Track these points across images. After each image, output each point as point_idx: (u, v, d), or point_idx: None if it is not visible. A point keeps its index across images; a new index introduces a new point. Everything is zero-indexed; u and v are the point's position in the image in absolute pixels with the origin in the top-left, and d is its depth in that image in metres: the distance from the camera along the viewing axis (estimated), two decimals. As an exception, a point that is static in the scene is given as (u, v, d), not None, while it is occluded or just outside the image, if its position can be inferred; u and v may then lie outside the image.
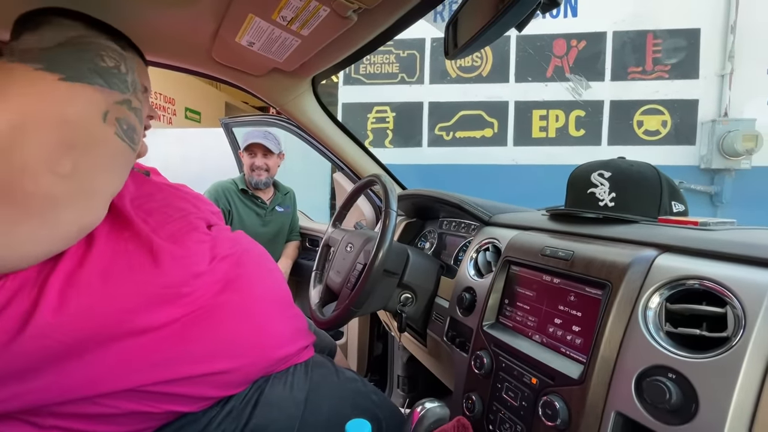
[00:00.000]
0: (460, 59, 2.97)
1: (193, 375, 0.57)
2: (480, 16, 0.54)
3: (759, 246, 0.46)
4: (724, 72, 2.77)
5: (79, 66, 0.48)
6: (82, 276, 0.48)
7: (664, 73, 2.83)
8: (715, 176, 2.81)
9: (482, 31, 0.54)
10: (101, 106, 0.48)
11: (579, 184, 0.75)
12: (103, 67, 0.51)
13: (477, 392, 0.69)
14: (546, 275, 0.64)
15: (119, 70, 0.53)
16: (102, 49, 0.53)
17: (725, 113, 2.76)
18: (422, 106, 3.12)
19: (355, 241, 0.98)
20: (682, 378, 0.43)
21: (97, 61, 0.51)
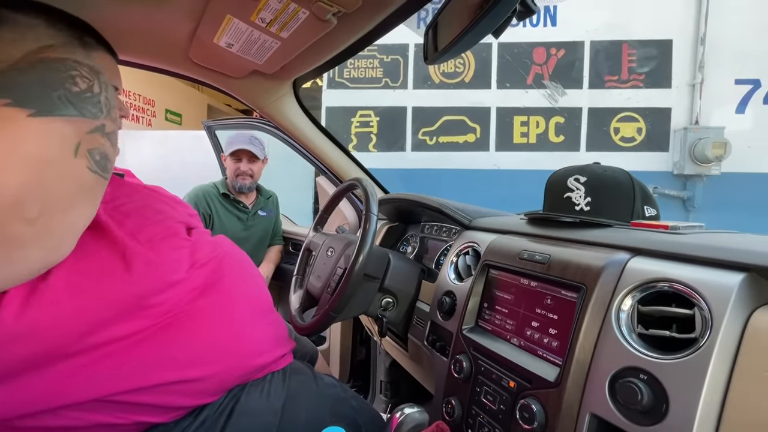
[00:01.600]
0: (441, 64, 3.01)
1: (164, 383, 0.55)
2: (458, 23, 0.55)
3: (724, 249, 0.47)
4: (695, 81, 2.89)
5: (49, 94, 0.44)
6: (47, 287, 0.46)
7: (639, 82, 2.93)
8: (687, 182, 2.91)
9: (459, 37, 0.54)
10: (73, 140, 0.44)
11: (556, 188, 0.76)
12: (76, 92, 0.47)
13: (456, 396, 0.68)
14: (524, 278, 0.65)
15: (92, 92, 0.49)
16: (73, 68, 0.49)
17: (696, 121, 2.87)
18: (406, 111, 3.14)
19: (336, 245, 0.97)
20: (653, 379, 0.44)
21: (68, 86, 0.47)
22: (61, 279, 0.47)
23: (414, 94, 3.14)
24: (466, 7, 0.54)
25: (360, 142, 3.21)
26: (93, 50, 0.61)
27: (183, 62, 0.95)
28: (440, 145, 3.13)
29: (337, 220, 1.56)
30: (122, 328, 0.51)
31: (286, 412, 0.64)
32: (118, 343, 0.51)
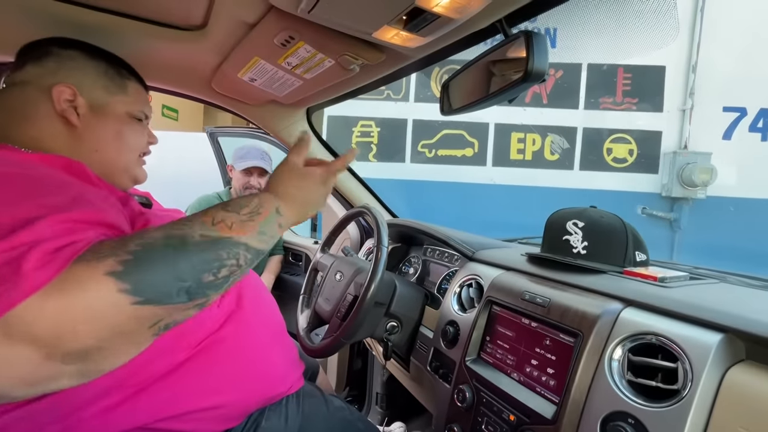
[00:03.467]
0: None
1: (193, 410, 0.60)
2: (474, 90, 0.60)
3: (706, 309, 0.53)
4: (685, 107, 3.00)
5: (176, 285, 0.41)
6: None
7: (632, 105, 3.03)
8: (675, 204, 3.02)
9: (476, 103, 0.60)
10: (156, 321, 0.41)
11: (555, 229, 0.82)
12: (207, 281, 0.44)
13: (459, 424, 0.74)
14: (525, 318, 0.71)
15: (220, 278, 0.45)
16: (231, 255, 0.46)
17: (685, 146, 2.98)
18: (406, 123, 3.20)
19: (344, 270, 1.01)
20: (640, 424, 0.50)
21: (205, 275, 0.43)
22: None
23: (415, 107, 3.19)
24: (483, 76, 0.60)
25: (360, 152, 3.26)
26: (128, 80, 0.67)
27: (204, 90, 0.99)
28: (439, 158, 3.19)
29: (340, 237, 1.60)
30: (163, 363, 0.56)
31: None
32: (157, 378, 0.55)
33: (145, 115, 0.69)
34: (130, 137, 0.66)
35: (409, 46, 0.64)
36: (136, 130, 0.67)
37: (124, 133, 0.65)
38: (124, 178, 0.67)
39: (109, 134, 0.63)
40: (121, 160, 0.66)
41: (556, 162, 3.06)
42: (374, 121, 3.22)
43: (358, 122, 3.25)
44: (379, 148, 3.25)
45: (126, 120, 0.65)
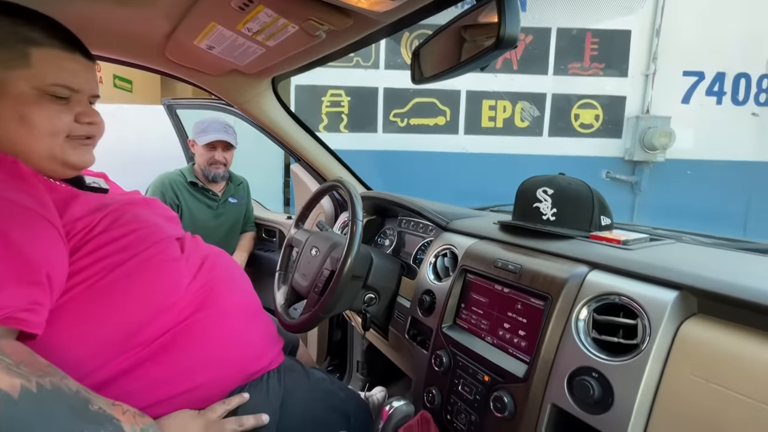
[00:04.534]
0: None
1: (170, 396, 0.59)
2: (446, 57, 0.58)
3: (663, 268, 0.57)
4: (648, 72, 3.08)
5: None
6: (53, 333, 0.48)
7: (599, 71, 3.08)
8: (636, 167, 3.16)
9: (447, 72, 0.58)
10: None
11: (526, 197, 0.84)
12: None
13: (436, 386, 0.77)
14: (497, 284, 0.73)
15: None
16: None
17: (647, 110, 3.09)
18: (377, 92, 3.11)
19: (320, 245, 1.01)
20: (603, 377, 0.54)
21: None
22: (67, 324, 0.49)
23: (385, 74, 3.11)
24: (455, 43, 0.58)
25: (331, 123, 3.17)
26: (33, 48, 0.54)
27: (158, 59, 0.92)
28: (411, 128, 3.15)
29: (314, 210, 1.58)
30: (126, 358, 0.54)
31: (284, 408, 0.70)
32: (118, 374, 0.54)
33: (72, 90, 0.58)
34: (41, 120, 0.55)
35: (378, 10, 0.61)
36: (49, 110, 0.56)
37: (30, 116, 0.54)
38: (53, 167, 0.58)
39: (11, 119, 0.53)
40: (38, 148, 0.56)
41: (526, 129, 3.11)
42: (344, 90, 3.12)
43: (327, 91, 3.14)
44: (350, 118, 3.17)
45: (33, 99, 0.54)
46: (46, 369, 0.40)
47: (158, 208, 0.76)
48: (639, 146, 3.00)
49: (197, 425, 0.57)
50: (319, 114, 3.15)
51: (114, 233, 0.56)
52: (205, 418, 0.59)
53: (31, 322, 0.44)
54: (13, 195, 0.47)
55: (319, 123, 3.15)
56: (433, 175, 3.07)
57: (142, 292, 0.57)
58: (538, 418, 0.60)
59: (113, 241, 0.56)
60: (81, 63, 0.60)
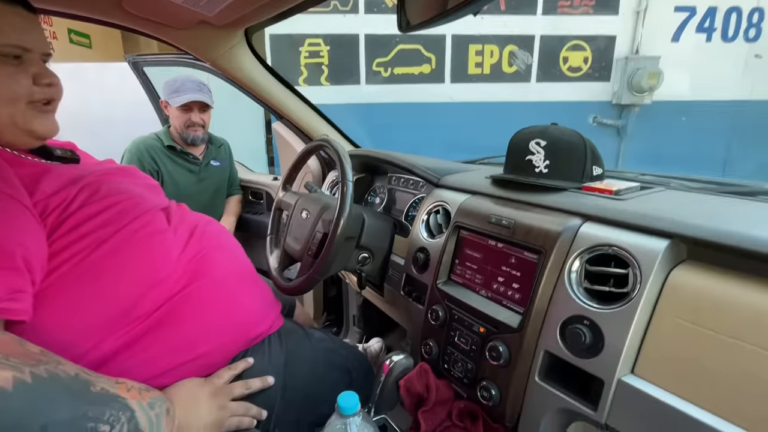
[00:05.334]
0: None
1: (173, 366, 0.60)
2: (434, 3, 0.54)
3: (655, 218, 0.57)
4: (640, 8, 2.96)
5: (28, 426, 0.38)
6: (42, 315, 0.46)
7: (590, 9, 2.94)
8: (623, 111, 3.14)
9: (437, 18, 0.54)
10: None
11: (518, 150, 0.82)
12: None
13: (433, 339, 0.80)
14: (491, 240, 0.74)
15: None
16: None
17: (637, 50, 3.01)
18: (358, 39, 2.93)
19: (310, 207, 0.99)
20: (594, 324, 0.56)
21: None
22: (57, 304, 0.48)
23: (366, 19, 2.90)
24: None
25: (311, 75, 3.00)
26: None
27: (114, 11, 0.83)
28: (395, 78, 3.02)
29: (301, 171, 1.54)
30: (122, 334, 0.54)
31: (288, 369, 0.72)
32: (118, 351, 0.54)
33: (23, 48, 0.53)
34: (5, 91, 0.51)
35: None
36: (3, 74, 0.51)
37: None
38: (16, 137, 0.54)
39: None
40: (10, 116, 0.52)
41: (513, 75, 3.01)
42: (323, 39, 2.93)
43: (304, 41, 2.95)
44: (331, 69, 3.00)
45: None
46: (39, 357, 0.40)
47: (138, 177, 0.73)
48: (627, 89, 2.95)
49: (205, 392, 0.59)
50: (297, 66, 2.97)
51: (93, 208, 0.53)
52: (212, 384, 0.61)
53: (15, 310, 0.42)
54: None
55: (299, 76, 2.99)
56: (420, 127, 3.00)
57: (131, 267, 0.56)
58: (531, 363, 0.63)
59: (94, 217, 0.53)
60: (25, 17, 0.53)
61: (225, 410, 0.59)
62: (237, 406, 0.62)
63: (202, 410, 0.56)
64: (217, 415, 0.58)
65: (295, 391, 0.71)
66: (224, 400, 0.60)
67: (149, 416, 0.47)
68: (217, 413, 0.58)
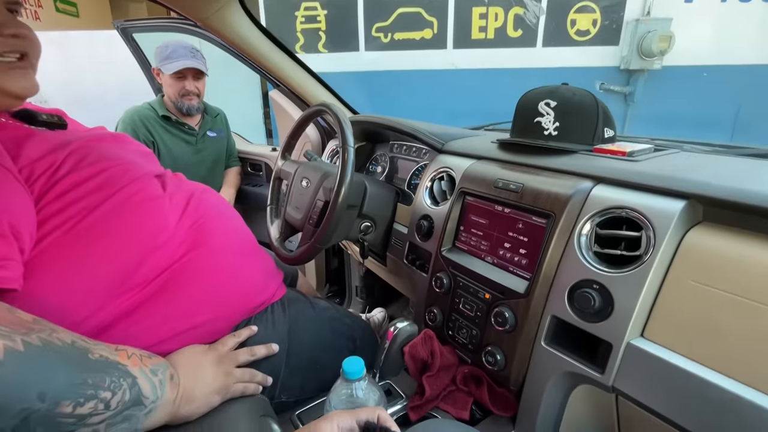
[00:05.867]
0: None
1: (178, 332, 0.59)
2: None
3: (671, 178, 0.55)
4: (654, -36, 2.80)
5: (23, 394, 0.36)
6: (33, 284, 0.45)
7: (600, -34, 2.79)
8: (631, 77, 3.03)
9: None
10: None
11: (527, 112, 0.79)
12: None
13: (437, 306, 0.80)
14: (498, 205, 0.72)
15: None
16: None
17: (648, 11, 2.86)
18: (356, 2, 2.79)
19: (310, 176, 0.96)
20: (604, 288, 0.55)
21: None
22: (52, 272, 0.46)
23: (364, -20, 2.76)
24: None
25: (307, 42, 2.88)
26: None
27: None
28: (396, 43, 2.90)
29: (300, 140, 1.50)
30: (122, 301, 0.52)
31: (292, 337, 0.72)
32: (117, 318, 0.53)
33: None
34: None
35: None
36: None
37: None
38: (5, 100, 0.53)
39: None
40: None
41: (519, 39, 2.88)
42: (319, 2, 2.79)
43: (300, 4, 2.81)
44: (329, 35, 2.88)
45: None
46: (31, 326, 0.38)
47: (130, 144, 0.70)
48: (636, 53, 2.83)
49: (209, 358, 0.58)
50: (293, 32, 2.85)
51: (83, 173, 0.51)
52: (216, 351, 0.60)
53: (5, 278, 0.41)
54: None
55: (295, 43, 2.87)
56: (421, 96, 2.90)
57: (125, 234, 0.54)
58: (537, 328, 0.63)
59: (84, 182, 0.51)
60: None
61: (230, 376, 0.59)
62: (242, 372, 0.61)
63: (207, 377, 0.56)
64: (222, 381, 0.57)
65: (300, 357, 0.71)
66: (229, 367, 0.60)
67: (152, 382, 0.46)
68: (223, 379, 0.58)
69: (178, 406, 0.51)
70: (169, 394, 0.49)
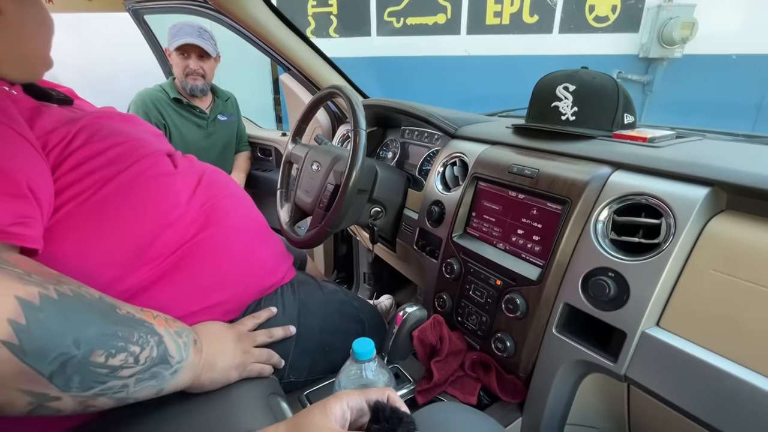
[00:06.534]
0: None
1: (190, 312, 0.60)
2: None
3: (694, 164, 0.53)
4: (679, -53, 2.68)
5: (60, 339, 0.37)
6: (53, 250, 0.46)
7: (622, -51, 2.68)
8: (650, 65, 2.94)
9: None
10: None
11: (544, 96, 0.77)
12: None
13: (447, 292, 0.79)
14: (512, 191, 0.70)
15: None
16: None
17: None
18: (369, -15, 2.74)
19: (321, 159, 0.96)
20: (620, 276, 0.54)
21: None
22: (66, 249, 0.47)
23: (377, -37, 2.70)
24: None
25: (319, 26, 2.84)
26: None
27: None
28: (408, 29, 2.84)
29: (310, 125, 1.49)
30: (141, 274, 0.53)
31: (301, 319, 0.72)
32: (136, 291, 0.53)
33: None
34: (49, 20, 0.57)
35: None
36: (47, 11, 0.57)
37: (45, 18, 0.56)
38: (42, 69, 0.58)
39: (33, 21, 0.54)
40: (45, 50, 0.57)
41: (534, 25, 2.80)
42: (331, -14, 2.74)
43: (312, -12, 2.76)
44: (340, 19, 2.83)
45: (39, 2, 0.56)
46: (60, 278, 0.39)
47: (140, 125, 0.70)
48: (657, 41, 2.74)
49: (230, 334, 0.59)
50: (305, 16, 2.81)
51: (95, 147, 0.51)
52: (236, 329, 0.61)
53: (26, 236, 0.41)
54: None
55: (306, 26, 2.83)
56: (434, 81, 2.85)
57: (138, 207, 0.54)
58: (549, 316, 0.62)
59: (97, 155, 0.51)
60: None
61: (249, 355, 0.60)
62: (260, 352, 0.62)
63: (227, 350, 0.56)
64: (241, 358, 0.58)
65: (309, 339, 0.72)
66: (248, 346, 0.61)
67: (178, 343, 0.47)
68: (242, 357, 0.58)
69: (201, 372, 0.51)
70: (192, 357, 0.49)
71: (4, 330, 0.32)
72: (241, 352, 0.59)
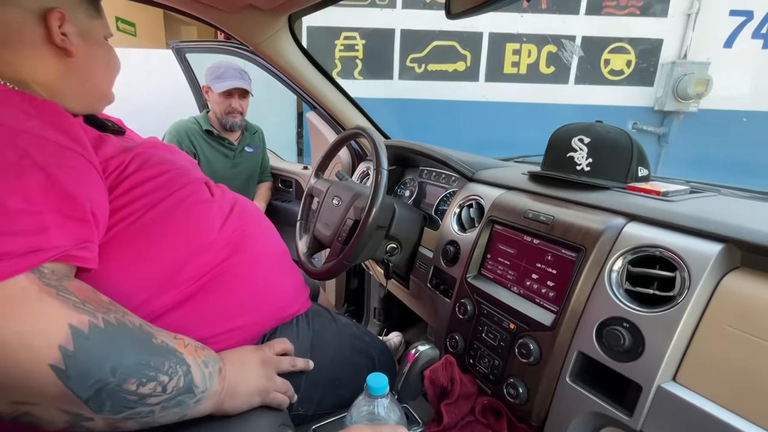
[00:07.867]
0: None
1: (214, 334, 0.62)
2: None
3: (708, 221, 0.55)
4: (691, 11, 2.80)
5: (100, 366, 0.40)
6: (102, 268, 0.49)
7: (636, 9, 2.82)
8: (666, 118, 2.99)
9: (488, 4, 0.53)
10: (23, 399, 0.37)
11: (560, 146, 0.80)
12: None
13: (459, 333, 0.79)
14: (527, 236, 0.72)
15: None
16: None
17: (685, 55, 2.86)
18: (394, 34, 2.92)
19: (342, 194, 1.00)
20: (634, 327, 0.54)
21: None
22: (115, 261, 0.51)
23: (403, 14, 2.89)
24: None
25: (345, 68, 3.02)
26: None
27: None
28: (429, 74, 2.99)
29: (331, 160, 1.55)
30: (171, 295, 0.56)
31: (314, 349, 0.73)
32: (162, 312, 0.56)
33: (105, 37, 0.63)
34: (114, 61, 0.64)
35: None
36: (114, 53, 0.64)
37: (111, 59, 0.63)
38: (103, 104, 0.65)
39: (101, 62, 0.61)
40: (109, 87, 0.64)
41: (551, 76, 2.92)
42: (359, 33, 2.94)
43: (340, 34, 2.96)
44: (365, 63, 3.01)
45: (107, 44, 0.63)
46: (109, 306, 0.42)
47: (179, 154, 0.75)
48: (671, 95, 2.81)
49: (256, 358, 0.60)
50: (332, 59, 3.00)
51: (146, 173, 0.57)
52: (263, 352, 0.62)
53: (86, 258, 0.45)
54: (51, 134, 0.47)
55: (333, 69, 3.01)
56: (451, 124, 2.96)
57: (179, 230, 0.58)
58: (563, 363, 0.61)
59: (147, 181, 0.56)
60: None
61: (271, 382, 0.61)
62: (281, 382, 0.63)
63: (250, 376, 0.58)
64: (264, 384, 0.59)
65: (320, 371, 0.72)
66: (272, 372, 0.62)
67: (203, 373, 0.49)
68: (265, 383, 0.59)
69: (223, 400, 0.53)
70: (216, 386, 0.51)
71: (54, 355, 0.35)
72: (265, 378, 0.60)
